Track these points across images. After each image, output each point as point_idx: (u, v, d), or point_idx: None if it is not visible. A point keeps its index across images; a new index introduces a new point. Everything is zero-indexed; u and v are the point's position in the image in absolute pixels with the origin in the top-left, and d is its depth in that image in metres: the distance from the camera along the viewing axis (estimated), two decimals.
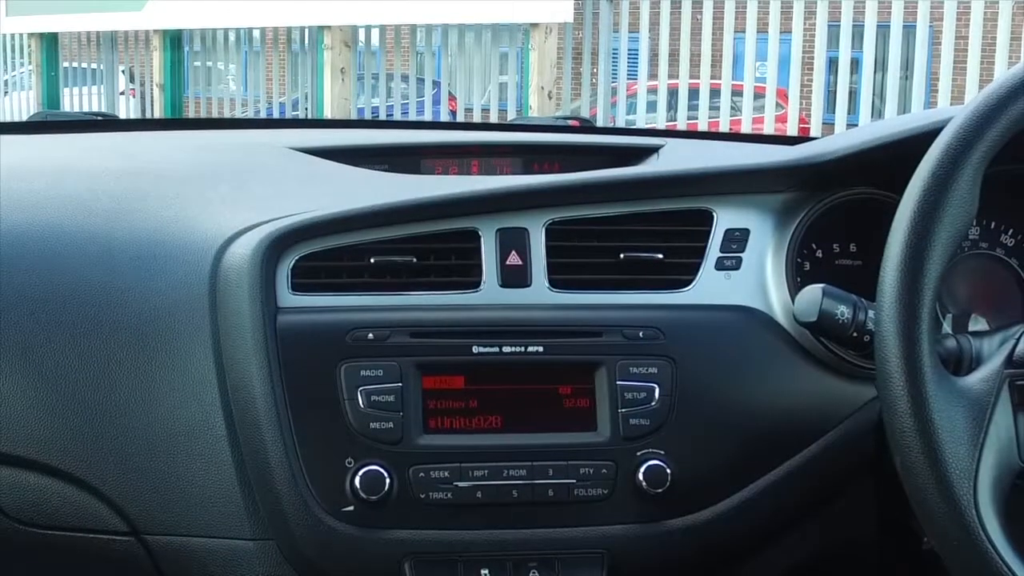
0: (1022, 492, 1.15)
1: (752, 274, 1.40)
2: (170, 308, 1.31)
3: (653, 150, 1.70)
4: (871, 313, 1.21)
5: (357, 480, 1.23)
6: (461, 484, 1.26)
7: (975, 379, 1.12)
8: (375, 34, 8.74)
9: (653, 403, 1.28)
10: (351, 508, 1.24)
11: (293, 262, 1.32)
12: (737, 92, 7.48)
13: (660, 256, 1.39)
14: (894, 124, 1.42)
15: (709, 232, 1.41)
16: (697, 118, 7.13)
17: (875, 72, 6.94)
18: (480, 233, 1.36)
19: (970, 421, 1.09)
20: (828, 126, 6.87)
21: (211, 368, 1.29)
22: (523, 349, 1.29)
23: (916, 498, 1.10)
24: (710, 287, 1.39)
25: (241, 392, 1.26)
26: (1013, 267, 1.48)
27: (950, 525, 1.07)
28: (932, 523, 1.09)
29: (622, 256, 1.38)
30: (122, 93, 10.55)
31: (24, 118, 9.53)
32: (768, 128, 7.02)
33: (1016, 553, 1.07)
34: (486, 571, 1.26)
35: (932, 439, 1.07)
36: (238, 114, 9.65)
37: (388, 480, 1.23)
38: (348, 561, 1.25)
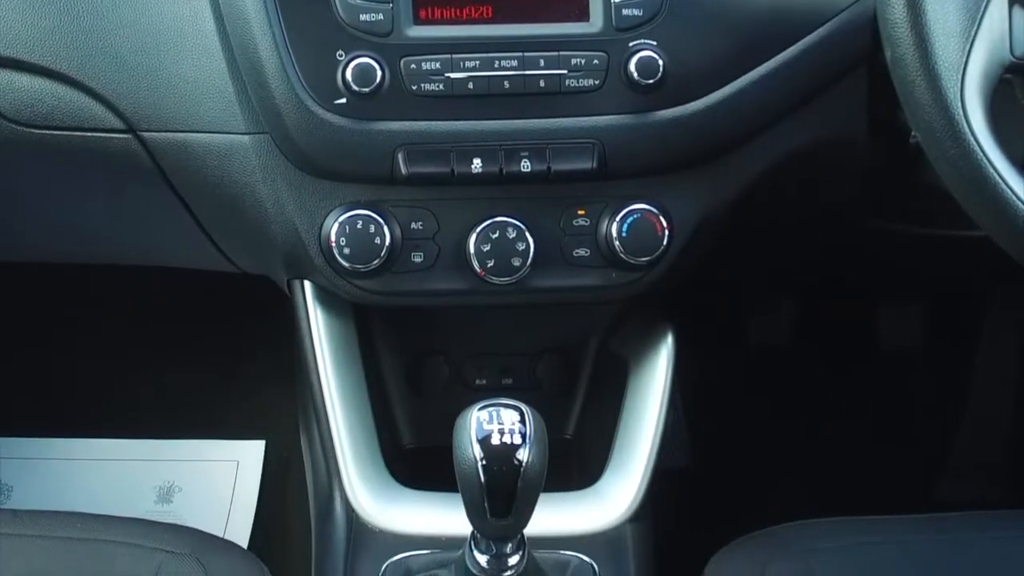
0: (1009, 86, 1.16)
1: None
2: None
3: None
4: None
5: (348, 72, 1.23)
6: (452, 75, 1.26)
7: None
8: None
9: None
10: (343, 100, 1.25)
11: None
12: None
13: None
14: None
15: None
16: None
17: None
18: None
19: (963, 14, 1.08)
20: None
21: None
22: None
23: (904, 91, 1.10)
24: None
25: None
26: None
27: (935, 117, 1.08)
28: (918, 115, 1.10)
29: None
30: None
31: None
32: None
33: (996, 144, 1.08)
34: (478, 160, 1.28)
35: (923, 31, 1.07)
36: None
37: (379, 72, 1.24)
38: (342, 152, 1.27)
